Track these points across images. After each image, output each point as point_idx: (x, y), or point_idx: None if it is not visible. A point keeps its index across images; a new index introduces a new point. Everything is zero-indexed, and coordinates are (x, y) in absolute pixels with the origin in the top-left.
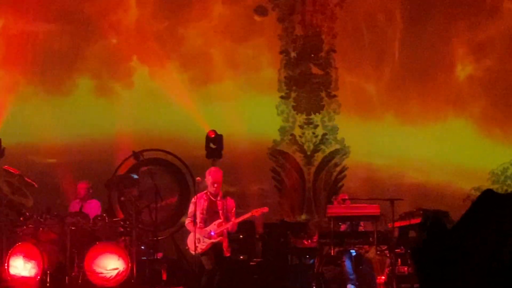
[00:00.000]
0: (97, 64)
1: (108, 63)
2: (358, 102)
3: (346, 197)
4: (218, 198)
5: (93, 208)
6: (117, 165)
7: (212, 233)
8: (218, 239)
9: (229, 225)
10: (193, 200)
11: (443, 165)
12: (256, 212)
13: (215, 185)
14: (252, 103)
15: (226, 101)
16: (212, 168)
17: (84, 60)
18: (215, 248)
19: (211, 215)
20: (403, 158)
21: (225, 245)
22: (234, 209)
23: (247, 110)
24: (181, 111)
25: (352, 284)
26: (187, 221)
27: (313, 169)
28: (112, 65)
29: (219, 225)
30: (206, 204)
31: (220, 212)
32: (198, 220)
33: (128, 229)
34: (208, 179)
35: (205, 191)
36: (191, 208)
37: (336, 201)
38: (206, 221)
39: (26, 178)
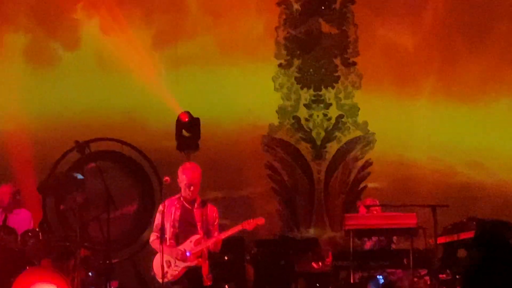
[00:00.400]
0: (31, 15)
1: (45, 14)
2: (385, 72)
3: (376, 203)
4: (195, 205)
5: (22, 220)
6: (54, 161)
7: (188, 254)
8: (195, 262)
9: (210, 243)
10: (160, 208)
11: (509, 157)
12: (248, 225)
13: (191, 188)
14: (240, 73)
15: (205, 70)
16: (187, 165)
17: (13, 10)
18: (191, 275)
19: (185, 228)
20: (450, 148)
21: (204, 270)
22: (217, 220)
23: (233, 83)
24: (143, 85)
25: None
26: (153, 237)
27: (324, 164)
28: (50, 17)
29: (197, 242)
30: (178, 213)
31: (198, 224)
32: (167, 236)
33: (70, 249)
34: (182, 180)
35: (177, 196)
36: (157, 220)
37: (361, 208)
38: (179, 237)
39: None
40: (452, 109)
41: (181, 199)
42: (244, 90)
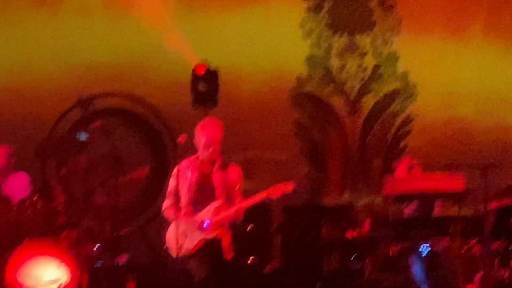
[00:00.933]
0: None
1: None
2: (428, 14)
3: (416, 163)
4: (215, 167)
5: (18, 186)
6: (55, 119)
7: (206, 224)
8: (214, 233)
9: (231, 212)
10: (174, 171)
11: None
12: (274, 192)
13: (211, 148)
14: (264, 19)
15: (224, 15)
16: (206, 121)
17: None
18: (209, 248)
19: (203, 194)
20: (503, 101)
21: (225, 242)
22: (239, 184)
23: (256, 29)
24: (154, 31)
25: None
26: (166, 204)
27: (360, 121)
28: None
29: (216, 210)
30: (195, 177)
31: (218, 189)
32: (183, 203)
33: (73, 219)
34: (200, 139)
35: (193, 157)
36: (171, 184)
37: (399, 169)
38: (196, 205)
39: None
40: (506, 56)
41: (199, 161)
42: (268, 38)
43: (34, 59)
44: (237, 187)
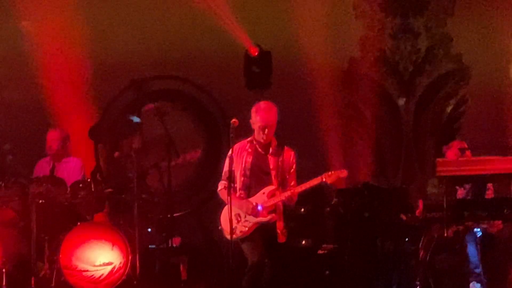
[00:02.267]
0: None
1: None
2: None
3: (466, 146)
4: (271, 150)
5: (72, 170)
6: (108, 101)
7: (260, 208)
8: (268, 217)
9: (285, 196)
10: (229, 153)
11: None
12: (329, 177)
13: (266, 130)
14: (317, 1)
15: None
16: (261, 104)
17: None
18: (263, 231)
19: (258, 177)
20: None
21: (279, 226)
22: (294, 166)
23: (309, 11)
24: (205, 13)
25: (478, 282)
26: (221, 186)
27: (413, 103)
28: None
29: (271, 194)
30: (250, 159)
31: (273, 173)
32: (238, 186)
33: (126, 201)
34: (255, 121)
35: (249, 139)
36: (226, 167)
37: (450, 152)
38: (251, 188)
39: None
40: None
41: (254, 142)
42: (321, 19)
43: (89, 43)
44: (292, 170)
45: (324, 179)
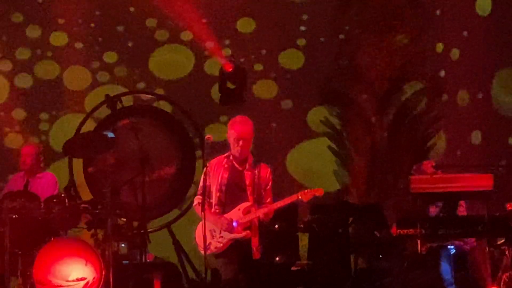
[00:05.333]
0: None
1: None
2: None
3: (433, 164)
4: (247, 166)
5: (46, 185)
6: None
7: (235, 224)
8: (243, 233)
9: (261, 213)
10: (206, 168)
11: None
12: (305, 195)
13: (240, 143)
14: None
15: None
16: (237, 118)
17: None
18: (238, 247)
19: (233, 193)
20: None
21: (254, 242)
22: (270, 183)
23: None
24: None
25: None
26: (196, 200)
27: (387, 120)
28: None
29: (246, 211)
30: (226, 175)
31: (249, 189)
32: (213, 201)
33: (100, 217)
34: (230, 134)
35: (226, 155)
36: (201, 182)
37: (418, 172)
38: (226, 204)
39: None
40: None
41: (231, 158)
42: None
43: None
44: (268, 187)
45: (300, 197)
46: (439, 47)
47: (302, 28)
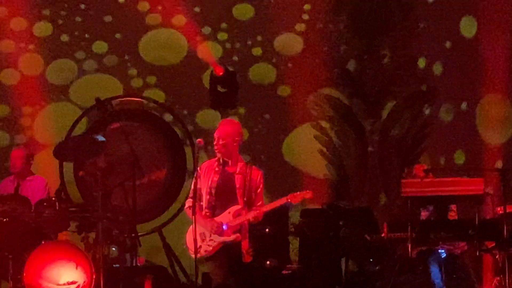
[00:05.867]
0: None
1: None
2: None
3: (425, 167)
4: (238, 169)
5: (36, 188)
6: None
7: (225, 227)
8: (233, 236)
9: (251, 216)
10: (197, 171)
11: None
12: (294, 198)
13: (218, 141)
14: None
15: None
16: (224, 120)
17: None
18: (228, 250)
19: (224, 196)
20: None
21: (245, 245)
22: (261, 186)
23: None
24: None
25: None
26: (187, 204)
27: (378, 124)
28: None
29: (236, 214)
30: (217, 178)
31: (239, 192)
32: (204, 204)
33: (91, 220)
34: (215, 136)
35: (216, 158)
36: (193, 185)
37: (410, 175)
38: (216, 207)
39: None
40: None
41: (221, 161)
42: None
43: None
44: (259, 190)
45: (289, 200)
46: (421, 62)
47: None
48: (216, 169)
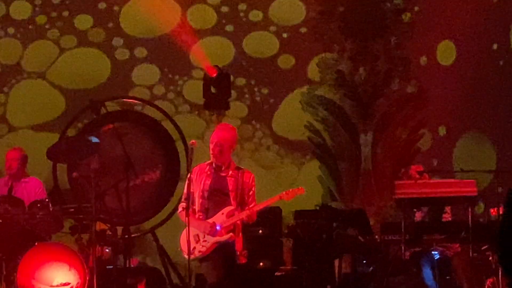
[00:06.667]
0: None
1: None
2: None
3: (422, 169)
4: (230, 172)
5: (30, 190)
6: (66, 122)
7: (218, 227)
8: (227, 236)
9: (244, 215)
10: (190, 175)
11: None
12: (287, 195)
13: (215, 147)
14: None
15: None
16: (220, 124)
17: None
18: (223, 251)
19: (217, 199)
20: None
21: (238, 246)
22: (253, 188)
23: None
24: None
25: None
26: (180, 207)
27: (371, 125)
28: None
29: (230, 214)
30: (209, 181)
31: (232, 194)
32: (197, 208)
33: (84, 222)
34: (211, 140)
35: (209, 162)
36: (186, 188)
37: (406, 176)
38: (209, 210)
39: None
40: None
41: (214, 165)
42: None
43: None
44: (251, 192)
45: (282, 197)
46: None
47: None
48: (208, 172)
